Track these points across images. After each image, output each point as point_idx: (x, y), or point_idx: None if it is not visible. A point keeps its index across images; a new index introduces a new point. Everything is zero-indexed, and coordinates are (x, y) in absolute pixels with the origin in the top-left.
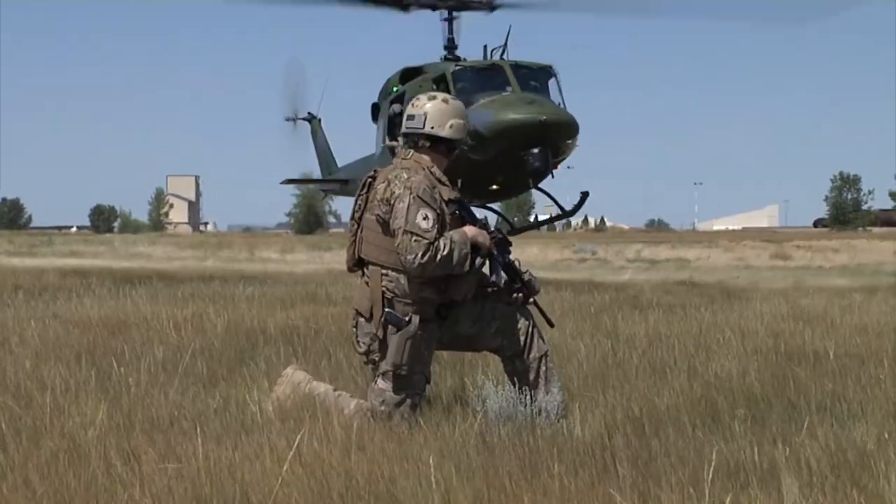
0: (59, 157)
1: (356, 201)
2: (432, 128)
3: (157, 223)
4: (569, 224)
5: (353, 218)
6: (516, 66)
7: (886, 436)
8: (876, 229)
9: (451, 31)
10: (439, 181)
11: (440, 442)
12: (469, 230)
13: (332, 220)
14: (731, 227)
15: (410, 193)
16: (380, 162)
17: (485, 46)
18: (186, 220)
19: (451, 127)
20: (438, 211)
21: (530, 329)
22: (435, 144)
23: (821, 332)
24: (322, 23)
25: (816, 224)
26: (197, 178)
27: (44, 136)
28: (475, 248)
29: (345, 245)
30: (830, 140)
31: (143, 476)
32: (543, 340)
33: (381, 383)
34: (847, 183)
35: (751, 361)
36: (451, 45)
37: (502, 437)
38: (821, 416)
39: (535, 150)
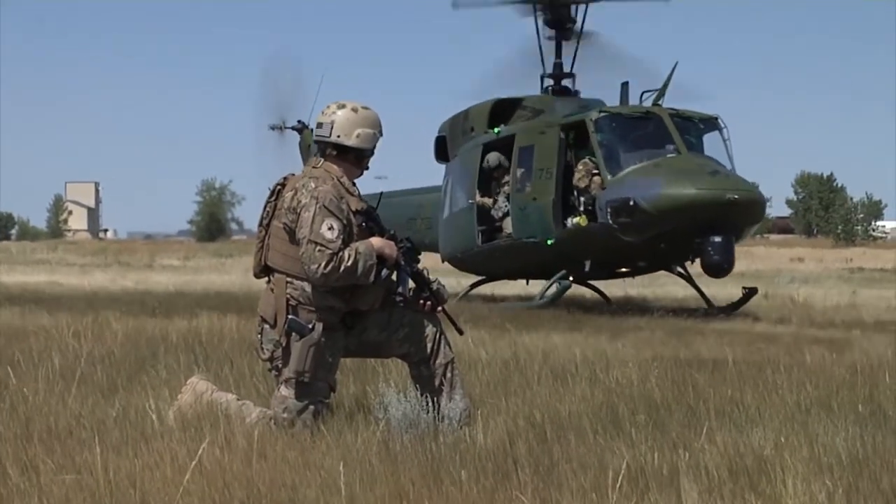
0: None
1: (265, 208)
2: (339, 136)
3: (56, 230)
4: None
5: (261, 225)
6: (678, 117)
7: (783, 441)
8: (773, 236)
9: (559, 53)
10: (347, 191)
11: (342, 449)
12: (375, 241)
13: (234, 227)
14: None
15: (316, 203)
16: (462, 219)
17: (624, 83)
18: (86, 227)
19: (357, 136)
20: (345, 221)
21: (437, 336)
22: (343, 154)
23: (719, 340)
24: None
25: None
26: (97, 184)
27: None
28: (382, 259)
29: (248, 252)
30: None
31: (42, 487)
32: (450, 347)
33: (284, 391)
34: None
35: (651, 368)
36: (558, 73)
37: (405, 444)
38: (720, 422)
39: (717, 239)
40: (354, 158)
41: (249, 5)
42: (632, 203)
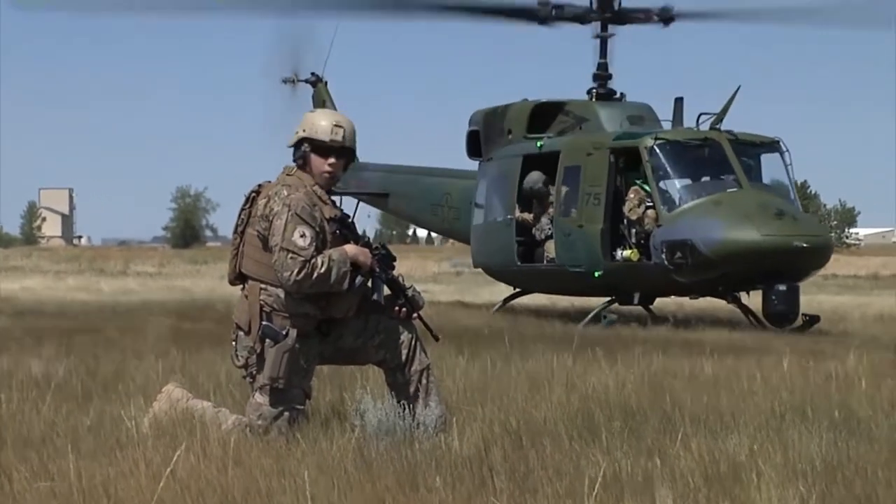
0: None
1: (239, 215)
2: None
3: (30, 237)
4: (445, 238)
5: (236, 232)
6: (737, 143)
7: (758, 447)
8: None
9: (604, 52)
10: (321, 199)
11: (318, 457)
12: (349, 248)
13: (209, 233)
14: None
15: (289, 211)
16: (499, 233)
17: (678, 99)
18: (60, 233)
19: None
20: (317, 229)
21: (413, 342)
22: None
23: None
24: None
25: None
26: (70, 190)
27: None
28: (356, 265)
29: (223, 258)
30: None
31: (15, 494)
32: (426, 354)
33: (259, 397)
34: None
35: (628, 374)
36: (603, 73)
37: (381, 451)
38: (695, 428)
39: (782, 288)
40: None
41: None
42: (690, 245)
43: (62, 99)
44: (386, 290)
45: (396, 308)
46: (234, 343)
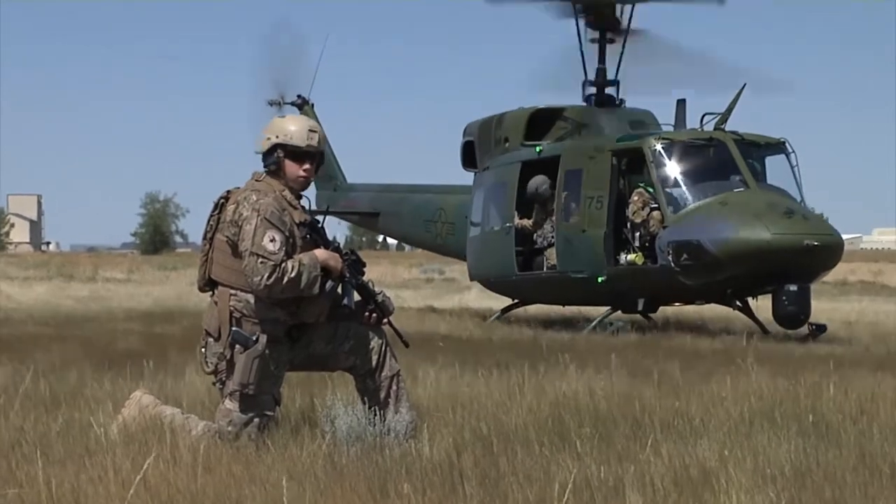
0: None
1: (209, 221)
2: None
3: None
4: None
5: (205, 238)
6: (743, 143)
7: (728, 453)
8: None
9: (602, 58)
10: (290, 204)
11: (288, 463)
12: (320, 253)
13: (178, 239)
14: None
15: (258, 215)
16: (497, 242)
17: (681, 101)
18: (28, 239)
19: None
20: (287, 234)
21: (383, 348)
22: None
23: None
24: None
25: None
26: (39, 196)
27: None
28: (326, 270)
29: (192, 264)
30: None
31: None
32: (395, 360)
33: (229, 404)
34: None
35: (597, 381)
36: (601, 79)
37: (351, 457)
38: (665, 434)
39: (792, 288)
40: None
41: (191, 25)
42: (698, 246)
43: (30, 104)
44: (356, 296)
45: (367, 314)
46: (203, 350)
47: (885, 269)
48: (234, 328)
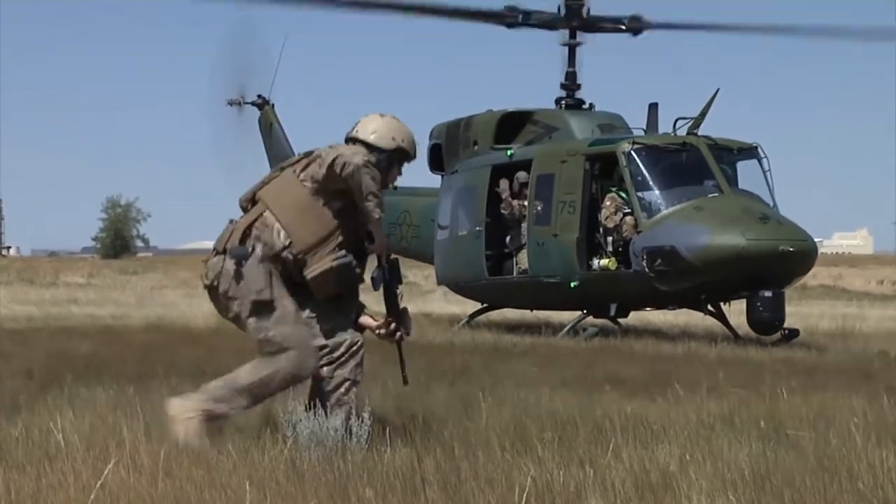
0: None
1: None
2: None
3: None
4: None
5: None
6: (716, 148)
7: (688, 457)
8: None
9: (572, 61)
10: None
11: (249, 468)
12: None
13: (140, 244)
14: None
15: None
16: (467, 246)
17: (653, 105)
18: None
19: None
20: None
21: (356, 351)
22: None
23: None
24: None
25: None
26: None
27: None
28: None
29: (153, 269)
30: None
31: None
32: (361, 371)
33: (253, 323)
34: None
35: (559, 385)
36: (571, 83)
37: (313, 462)
38: (626, 438)
39: (767, 294)
40: None
41: (154, 27)
42: (672, 251)
43: None
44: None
45: (386, 321)
46: (204, 263)
47: (845, 274)
48: (228, 246)
